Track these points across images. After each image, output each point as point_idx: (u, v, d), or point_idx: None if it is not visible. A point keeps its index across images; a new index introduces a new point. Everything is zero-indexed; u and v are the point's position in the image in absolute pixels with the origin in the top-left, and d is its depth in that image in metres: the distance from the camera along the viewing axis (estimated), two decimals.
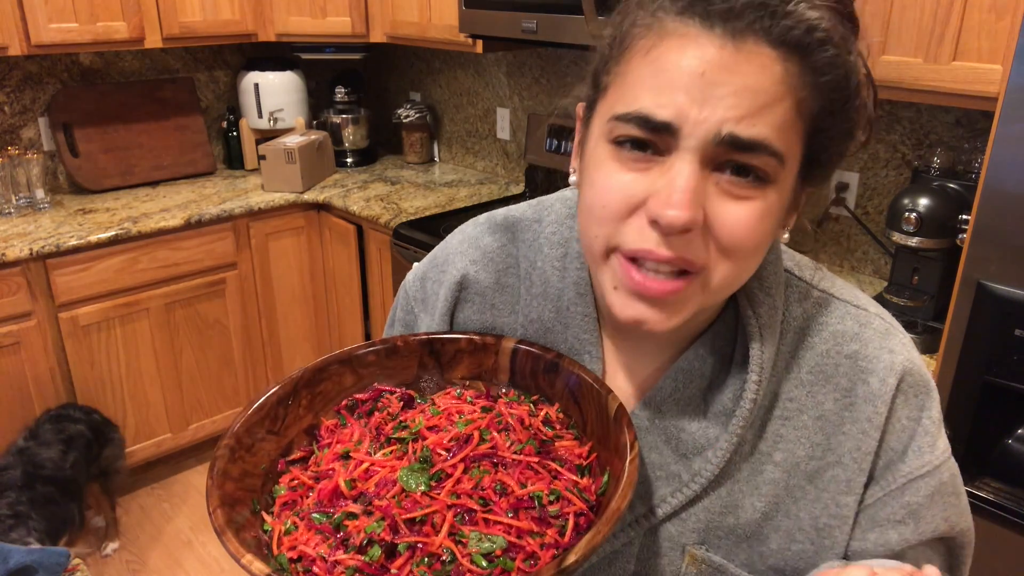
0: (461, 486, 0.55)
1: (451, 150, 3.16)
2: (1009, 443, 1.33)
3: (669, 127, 0.50)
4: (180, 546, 2.45)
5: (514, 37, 2.10)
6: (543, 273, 0.67)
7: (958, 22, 1.37)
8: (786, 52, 0.49)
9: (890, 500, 0.61)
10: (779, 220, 0.55)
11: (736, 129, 0.49)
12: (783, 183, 0.53)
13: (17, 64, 2.57)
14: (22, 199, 2.49)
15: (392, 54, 3.26)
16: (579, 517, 0.54)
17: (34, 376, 2.28)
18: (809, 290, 0.64)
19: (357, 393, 0.68)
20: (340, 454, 0.61)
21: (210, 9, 2.59)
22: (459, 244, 0.73)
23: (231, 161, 3.05)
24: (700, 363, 0.63)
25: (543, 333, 0.68)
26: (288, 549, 0.54)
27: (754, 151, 0.50)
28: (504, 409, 0.62)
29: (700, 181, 0.50)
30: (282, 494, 0.59)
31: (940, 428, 0.62)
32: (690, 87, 0.49)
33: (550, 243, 0.68)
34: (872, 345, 0.61)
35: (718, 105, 0.49)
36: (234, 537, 0.51)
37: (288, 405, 0.65)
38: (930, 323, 1.61)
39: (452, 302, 0.72)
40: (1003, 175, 1.18)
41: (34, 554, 0.99)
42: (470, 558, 0.50)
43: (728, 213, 0.51)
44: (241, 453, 0.60)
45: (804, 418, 0.62)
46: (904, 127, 1.82)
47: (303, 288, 2.82)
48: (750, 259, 0.55)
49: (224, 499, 0.55)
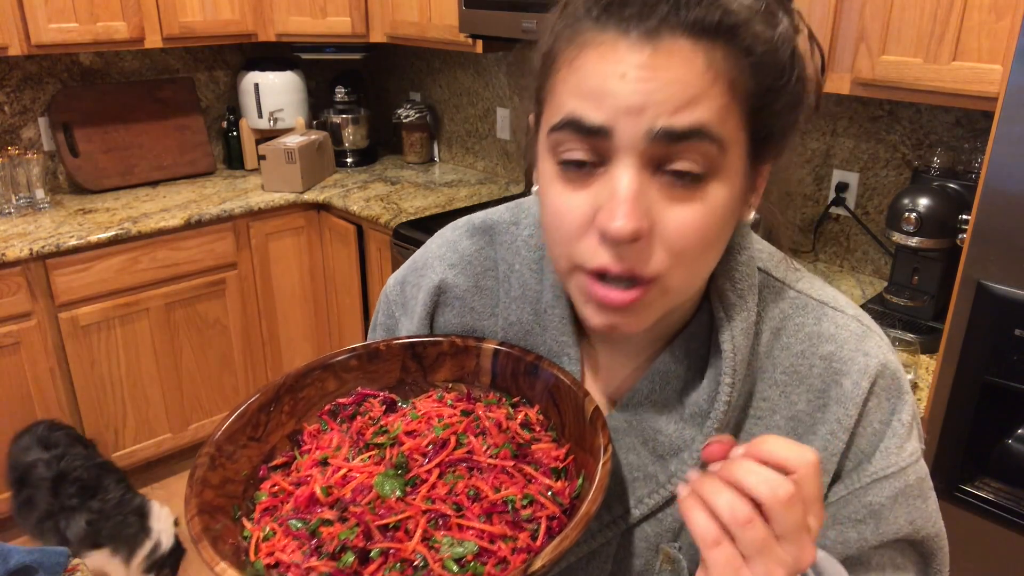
0: (436, 491, 0.55)
1: (451, 150, 3.16)
2: (1009, 443, 1.33)
3: (602, 129, 0.50)
4: None
5: (514, 37, 2.10)
6: (521, 276, 0.68)
7: (958, 22, 1.37)
8: (707, 40, 0.49)
9: (852, 499, 0.61)
10: (733, 209, 0.54)
11: (670, 121, 0.49)
12: (729, 171, 0.52)
13: (17, 64, 2.57)
14: (22, 199, 2.49)
15: (392, 54, 3.26)
16: (552, 521, 0.54)
17: (34, 376, 2.28)
18: (785, 290, 0.64)
19: (340, 398, 0.68)
20: (319, 460, 0.61)
21: (210, 9, 2.59)
22: (438, 248, 0.74)
23: (231, 161, 3.05)
24: (675, 365, 0.63)
25: (523, 336, 0.68)
26: (266, 555, 0.54)
27: (691, 139, 0.49)
28: (482, 413, 0.62)
29: (642, 186, 0.50)
30: (263, 500, 0.60)
31: (911, 431, 0.62)
32: (616, 91, 0.49)
33: (527, 246, 0.68)
34: (847, 347, 0.61)
35: (647, 103, 0.48)
36: (210, 545, 0.52)
37: (270, 412, 0.65)
38: (930, 323, 1.61)
39: (431, 306, 0.72)
40: (1003, 175, 1.18)
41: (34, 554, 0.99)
42: (442, 563, 0.51)
43: (674, 217, 0.51)
44: (222, 461, 0.60)
45: (777, 418, 0.62)
46: (904, 127, 1.82)
47: (303, 288, 2.82)
48: (706, 255, 0.55)
49: (202, 507, 0.56)
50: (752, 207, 0.58)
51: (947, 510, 1.32)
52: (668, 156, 0.50)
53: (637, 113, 0.49)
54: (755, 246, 0.65)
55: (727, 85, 0.50)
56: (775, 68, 0.51)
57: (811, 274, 0.67)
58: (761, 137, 0.54)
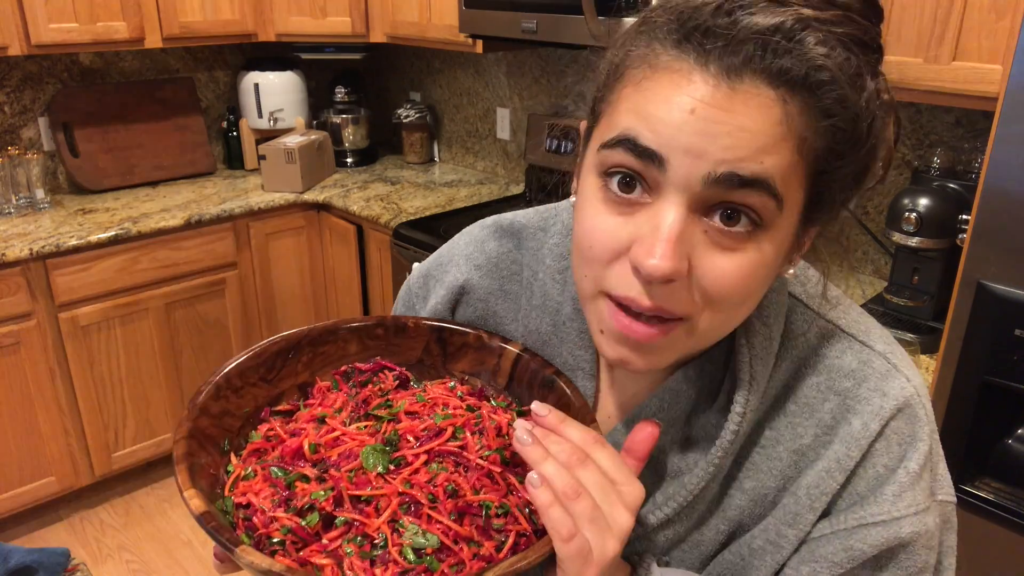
0: (417, 477, 0.55)
1: (451, 150, 3.16)
2: (1009, 443, 1.33)
3: (656, 156, 0.47)
4: (180, 546, 2.45)
5: (514, 37, 2.10)
6: (543, 285, 0.66)
7: (958, 22, 1.37)
8: (787, 91, 0.46)
9: (835, 539, 0.57)
10: (775, 267, 0.52)
11: (735, 168, 0.46)
12: (780, 229, 0.50)
13: (17, 64, 2.57)
14: (22, 199, 2.49)
15: (392, 54, 3.26)
16: (521, 538, 0.53)
17: (34, 376, 2.28)
18: (815, 319, 0.61)
19: (359, 362, 0.69)
20: (317, 417, 0.61)
21: (210, 9, 2.59)
22: (465, 246, 0.72)
23: (231, 161, 3.05)
24: (687, 385, 0.61)
25: (540, 345, 0.67)
26: (240, 494, 0.55)
27: (754, 188, 0.47)
28: (486, 413, 0.62)
29: (686, 227, 0.48)
30: (255, 441, 0.60)
31: (916, 482, 0.57)
32: (681, 124, 0.46)
33: (552, 255, 0.66)
34: (866, 385, 0.58)
35: (711, 145, 0.46)
36: (186, 471, 0.52)
37: (288, 358, 0.66)
38: (930, 323, 1.61)
39: (452, 303, 0.71)
40: (1003, 175, 1.18)
41: (34, 554, 0.99)
42: (400, 548, 0.50)
43: (715, 265, 0.49)
44: (227, 393, 0.61)
45: (780, 449, 0.59)
46: (904, 127, 1.82)
47: (303, 288, 2.82)
48: (741, 307, 0.52)
49: (193, 431, 0.56)
50: (794, 264, 0.56)
51: None
52: (722, 202, 0.48)
53: (698, 155, 0.46)
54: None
55: (797, 142, 0.47)
56: (849, 135, 0.48)
57: (849, 301, 0.63)
58: (817, 200, 0.51)
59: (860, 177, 0.52)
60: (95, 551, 2.43)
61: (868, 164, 0.51)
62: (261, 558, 0.47)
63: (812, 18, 0.46)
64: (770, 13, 0.46)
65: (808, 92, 0.46)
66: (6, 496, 2.33)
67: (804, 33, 0.46)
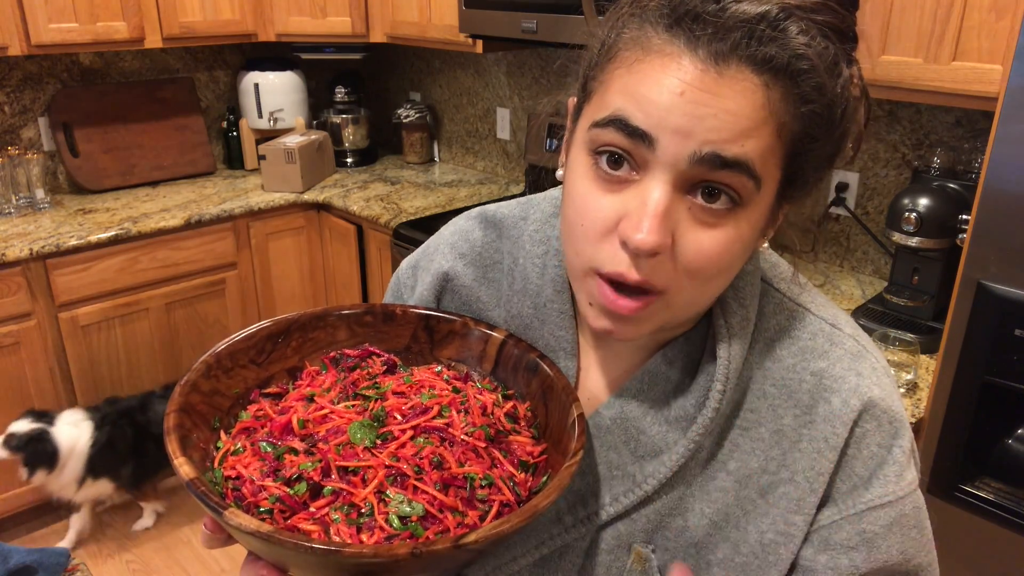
0: (403, 451, 0.56)
1: (451, 150, 3.16)
2: (1009, 443, 1.33)
3: (646, 136, 0.50)
4: (180, 546, 2.45)
5: (514, 37, 2.10)
6: (524, 270, 0.68)
7: (958, 22, 1.37)
8: (770, 78, 0.49)
9: (846, 524, 0.60)
10: (752, 241, 0.55)
11: (718, 148, 0.49)
12: (757, 206, 0.53)
13: (17, 64, 2.57)
14: (22, 199, 2.49)
15: (392, 54, 3.26)
16: (504, 507, 0.55)
17: (34, 376, 2.28)
18: (785, 302, 0.64)
19: (347, 348, 0.70)
20: (306, 396, 0.62)
21: (210, 9, 2.59)
22: (450, 236, 0.75)
23: (231, 161, 3.05)
24: (668, 367, 0.63)
25: (523, 329, 0.69)
26: (229, 468, 0.55)
27: (735, 169, 0.49)
28: (472, 393, 0.63)
29: (671, 204, 0.51)
30: (245, 420, 0.61)
31: (910, 459, 0.61)
32: (670, 106, 0.49)
33: (532, 240, 0.69)
34: (840, 365, 0.60)
35: (697, 126, 0.48)
36: (177, 441, 0.53)
37: (277, 342, 0.67)
38: (930, 323, 1.61)
39: (438, 291, 0.73)
40: (1003, 175, 1.18)
41: (34, 554, 0.99)
42: (386, 516, 0.51)
43: (696, 239, 0.52)
44: (217, 372, 0.62)
45: (762, 431, 0.61)
46: (904, 127, 1.82)
47: (303, 288, 2.82)
48: (717, 279, 0.55)
49: (184, 406, 0.57)
50: (767, 237, 0.59)
51: (947, 510, 1.32)
52: (705, 181, 0.50)
53: (685, 135, 0.49)
54: (764, 257, 0.64)
55: (777, 126, 0.50)
56: (825, 119, 0.51)
57: (817, 290, 0.67)
58: (791, 180, 0.54)
59: (832, 158, 0.55)
60: (95, 551, 2.43)
61: (840, 146, 0.54)
62: (249, 520, 0.47)
63: (795, 6, 0.48)
64: (756, 2, 0.48)
65: (789, 79, 0.49)
66: (6, 496, 2.33)
67: (787, 22, 0.48)
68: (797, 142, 0.51)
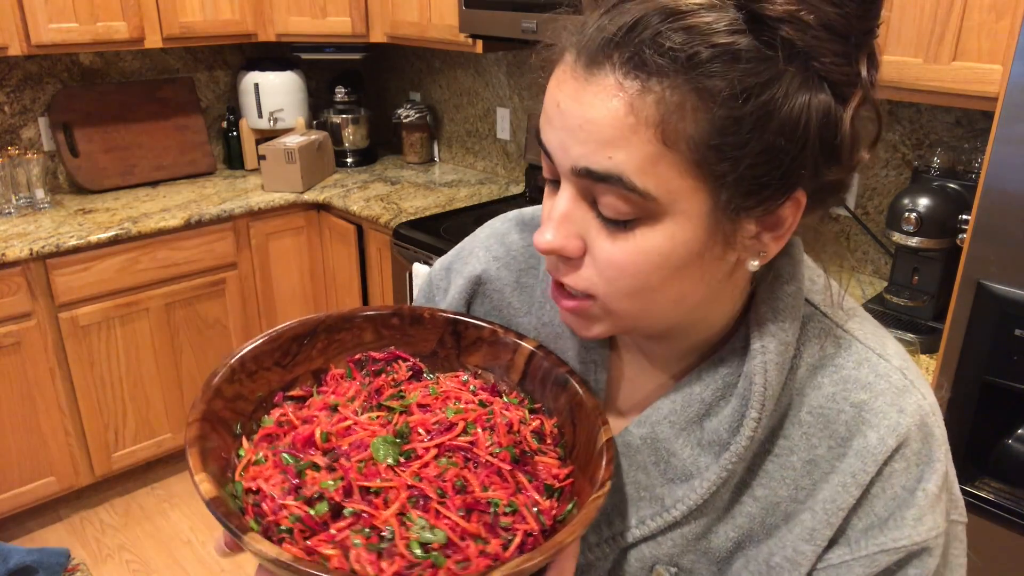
0: (426, 471, 0.55)
1: (451, 150, 3.16)
2: (1009, 443, 1.33)
3: (544, 149, 0.51)
4: (180, 546, 2.45)
5: (514, 37, 2.10)
6: None
7: (958, 22, 1.37)
8: (637, 82, 0.45)
9: (855, 566, 0.57)
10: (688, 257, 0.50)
11: (589, 163, 0.47)
12: (677, 219, 0.48)
13: (17, 64, 2.57)
14: (22, 199, 2.49)
15: (392, 54, 3.26)
16: (528, 537, 0.53)
17: (34, 376, 2.28)
18: (832, 327, 0.60)
19: (373, 351, 0.69)
20: (330, 405, 0.61)
21: (210, 9, 2.59)
22: (486, 239, 0.73)
23: (231, 161, 3.05)
24: (701, 388, 0.60)
25: (554, 338, 0.67)
26: (250, 479, 0.55)
27: (608, 183, 0.47)
28: (498, 409, 0.62)
29: (575, 210, 0.51)
30: (267, 426, 0.60)
31: (935, 504, 0.56)
32: (553, 119, 0.49)
33: None
34: (882, 399, 0.56)
35: (570, 139, 0.48)
36: (197, 455, 0.53)
37: (303, 344, 0.66)
38: (930, 323, 1.61)
39: (469, 294, 0.72)
40: (1003, 175, 1.18)
41: (34, 554, 0.99)
42: (407, 542, 0.50)
43: (603, 248, 0.51)
44: (241, 376, 0.61)
45: (793, 459, 0.58)
46: (904, 127, 1.82)
47: (303, 288, 2.82)
48: (657, 293, 0.52)
49: (207, 414, 0.56)
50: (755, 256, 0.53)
51: None
52: (594, 193, 0.50)
53: (564, 149, 0.49)
54: (809, 276, 0.61)
55: (659, 133, 0.45)
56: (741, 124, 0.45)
57: (865, 314, 0.62)
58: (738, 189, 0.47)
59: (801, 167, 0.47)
60: (95, 551, 2.43)
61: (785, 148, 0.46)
62: (269, 546, 0.47)
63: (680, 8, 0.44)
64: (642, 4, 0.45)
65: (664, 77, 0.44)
66: (6, 496, 2.33)
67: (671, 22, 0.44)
68: (713, 148, 0.45)
